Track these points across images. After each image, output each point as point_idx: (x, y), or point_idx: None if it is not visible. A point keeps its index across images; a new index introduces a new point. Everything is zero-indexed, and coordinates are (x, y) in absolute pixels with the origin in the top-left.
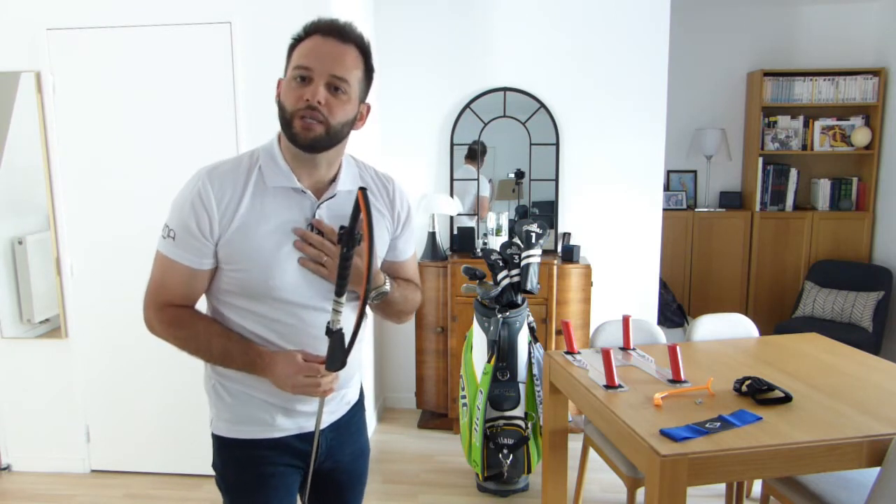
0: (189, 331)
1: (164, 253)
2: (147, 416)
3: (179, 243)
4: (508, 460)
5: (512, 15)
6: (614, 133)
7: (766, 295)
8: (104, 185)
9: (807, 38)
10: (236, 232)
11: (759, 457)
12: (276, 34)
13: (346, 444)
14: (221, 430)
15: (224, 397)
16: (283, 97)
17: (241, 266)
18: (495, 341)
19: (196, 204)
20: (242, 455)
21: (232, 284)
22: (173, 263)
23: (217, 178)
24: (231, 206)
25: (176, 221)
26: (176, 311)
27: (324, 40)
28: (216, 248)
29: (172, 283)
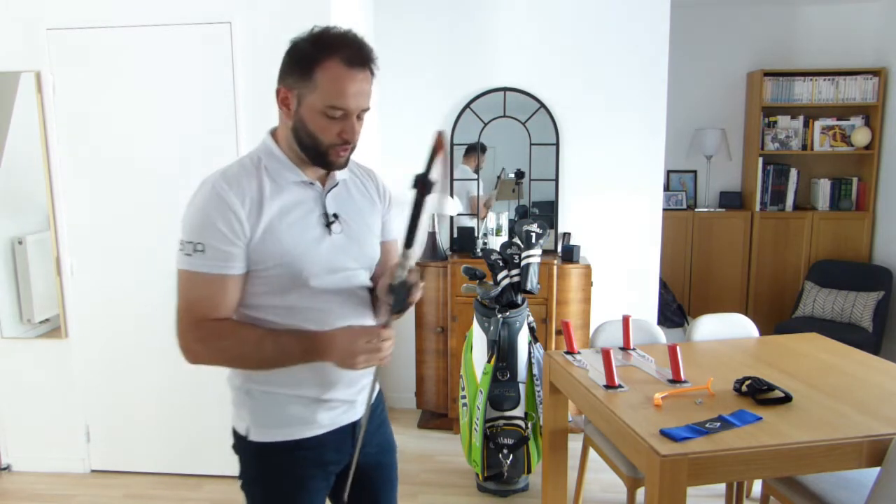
0: (234, 338)
1: (191, 269)
2: (147, 416)
3: (210, 254)
4: (508, 460)
5: (512, 15)
6: (614, 133)
7: (766, 295)
8: (104, 185)
9: (807, 38)
10: (265, 231)
11: (759, 457)
12: (276, 34)
13: (372, 435)
14: (262, 437)
15: (260, 400)
16: (314, 127)
17: (275, 262)
18: (495, 341)
19: (222, 208)
20: (285, 460)
21: (264, 285)
22: (205, 277)
23: (232, 181)
24: (254, 204)
25: (201, 233)
26: (215, 324)
27: (350, 73)
28: (248, 250)
29: (206, 296)
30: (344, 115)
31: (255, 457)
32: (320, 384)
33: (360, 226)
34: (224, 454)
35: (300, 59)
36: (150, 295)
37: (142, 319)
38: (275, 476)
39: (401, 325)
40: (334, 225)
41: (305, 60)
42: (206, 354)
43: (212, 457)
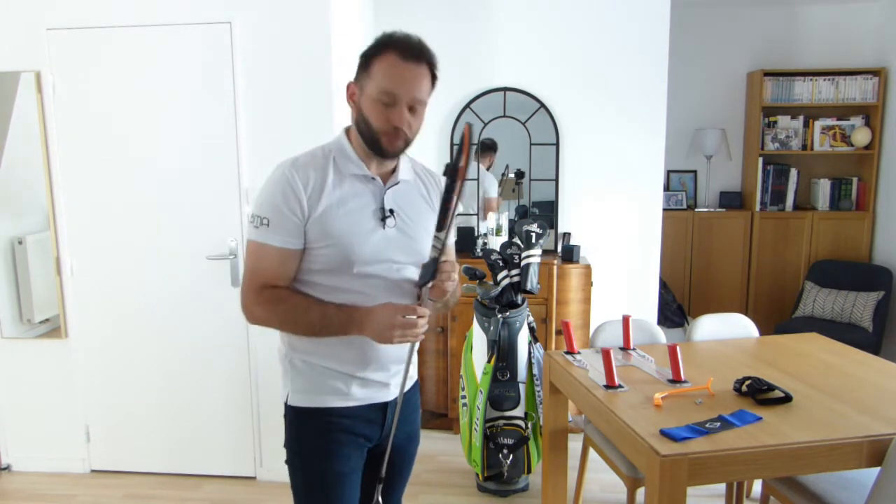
0: (288, 304)
1: (258, 240)
2: (147, 416)
3: (273, 228)
4: (508, 460)
5: (512, 15)
6: (614, 133)
7: (766, 295)
8: (104, 184)
9: (807, 38)
10: (323, 213)
11: (759, 457)
12: (276, 34)
13: (403, 424)
14: (298, 401)
15: (302, 370)
16: (369, 114)
17: (328, 242)
18: (495, 341)
19: (286, 190)
20: (319, 423)
21: (318, 262)
22: (268, 248)
23: (300, 167)
24: (316, 190)
25: (268, 209)
26: (274, 290)
27: (404, 63)
28: (305, 228)
29: (268, 265)
30: (393, 101)
31: (294, 420)
32: (357, 362)
33: (415, 224)
34: (224, 454)
35: (364, 56)
36: (150, 295)
37: (142, 319)
38: (308, 437)
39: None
40: (388, 220)
41: (367, 56)
42: (264, 316)
43: (212, 457)
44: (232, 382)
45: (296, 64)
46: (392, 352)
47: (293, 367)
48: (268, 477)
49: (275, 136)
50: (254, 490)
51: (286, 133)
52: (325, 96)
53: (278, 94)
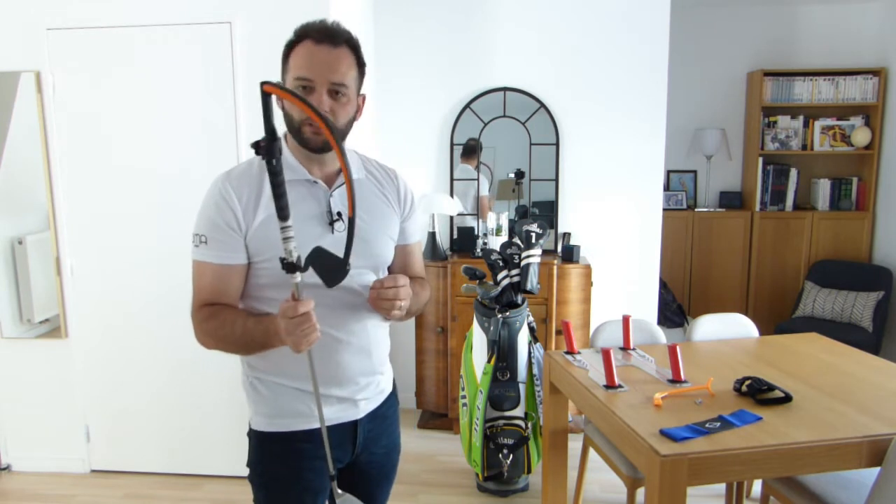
0: (218, 320)
1: (198, 259)
2: (147, 416)
3: (211, 244)
4: (508, 460)
5: (512, 15)
6: (614, 133)
7: (766, 295)
8: (104, 185)
9: (807, 38)
10: (261, 225)
11: (759, 457)
12: (276, 34)
13: (381, 437)
14: (261, 426)
15: (261, 391)
16: (289, 107)
17: (271, 255)
18: (495, 341)
19: (220, 204)
20: (281, 449)
21: (264, 276)
22: (207, 266)
23: (234, 179)
24: (251, 201)
25: (204, 226)
26: (209, 308)
27: (317, 47)
28: (245, 241)
29: (207, 283)
30: (309, 85)
31: (257, 444)
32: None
33: (369, 224)
34: (224, 454)
35: (283, 51)
36: (149, 295)
37: (142, 319)
38: (272, 464)
39: (401, 324)
40: (337, 223)
41: (285, 49)
42: (203, 336)
43: (212, 457)
44: (232, 382)
45: None
46: (356, 364)
47: (253, 389)
48: None
49: None
50: None
51: None
52: None
53: None
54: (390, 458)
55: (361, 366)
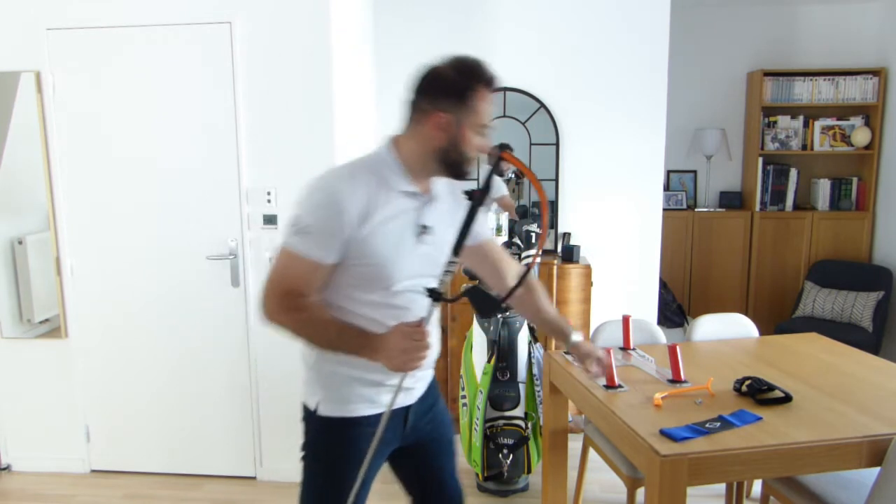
0: (309, 314)
1: (293, 248)
2: (147, 416)
3: (314, 239)
4: (508, 460)
5: (512, 15)
6: (614, 133)
7: (766, 295)
8: (104, 184)
9: (807, 38)
10: (369, 233)
11: (759, 457)
12: (276, 34)
13: (423, 415)
14: (328, 411)
15: (331, 379)
16: (467, 144)
17: (370, 261)
18: (495, 341)
19: (334, 206)
20: (349, 433)
21: (354, 277)
22: (301, 257)
23: (356, 184)
24: (366, 209)
25: (311, 220)
26: (298, 299)
27: (491, 96)
28: (346, 245)
29: (299, 274)
30: (488, 132)
31: (323, 430)
32: (384, 370)
33: (445, 237)
34: (224, 454)
35: (453, 87)
36: (149, 295)
37: (142, 319)
38: (339, 448)
39: None
40: (425, 236)
41: (459, 88)
42: (283, 320)
43: (212, 457)
44: (232, 382)
45: (296, 64)
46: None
47: (322, 376)
48: (268, 477)
49: (275, 136)
50: (254, 490)
51: (286, 133)
52: (325, 96)
53: (278, 94)
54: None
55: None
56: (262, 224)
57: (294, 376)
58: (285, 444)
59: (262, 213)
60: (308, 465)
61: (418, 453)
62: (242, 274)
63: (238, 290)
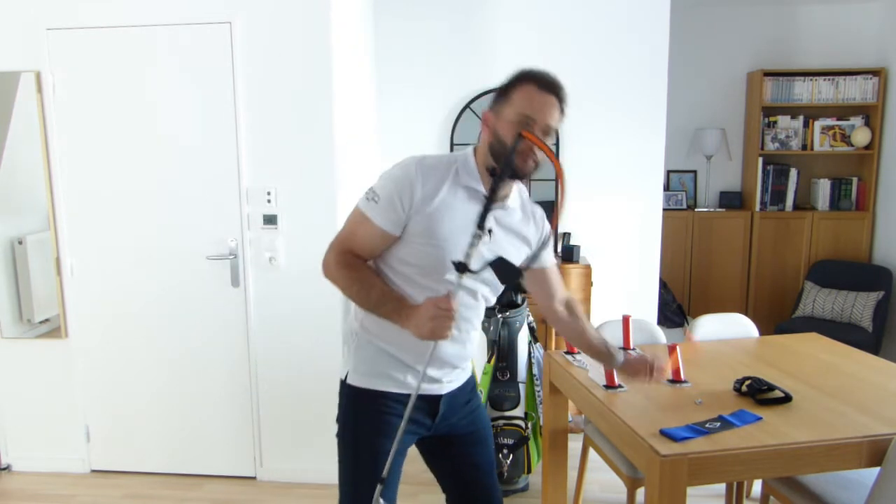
0: (358, 273)
1: (364, 211)
2: (147, 415)
3: (380, 208)
4: (508, 460)
5: (511, 15)
6: (614, 133)
7: (766, 295)
8: (104, 184)
9: (807, 38)
10: (432, 213)
11: (759, 457)
12: (276, 34)
13: (457, 410)
14: (356, 381)
15: (366, 352)
16: (505, 134)
17: (430, 241)
18: (495, 341)
19: (405, 183)
20: (372, 404)
21: (415, 256)
22: (369, 222)
23: (425, 168)
24: (430, 191)
25: (382, 191)
26: (353, 258)
27: (540, 92)
28: (408, 221)
29: (362, 236)
30: (529, 124)
31: (349, 398)
32: (416, 355)
33: (507, 248)
34: (224, 454)
35: (503, 88)
36: (150, 295)
37: (142, 319)
38: (363, 415)
39: None
40: (485, 237)
41: (507, 87)
42: (335, 274)
43: (212, 457)
44: (232, 382)
45: (296, 64)
46: (453, 352)
47: (358, 345)
48: (268, 477)
49: (275, 136)
50: (254, 490)
51: (286, 133)
52: (326, 96)
53: (278, 94)
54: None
55: (457, 354)
56: (262, 224)
57: (294, 376)
58: (285, 444)
59: (262, 213)
60: (339, 435)
61: (453, 446)
62: (242, 274)
63: (238, 290)
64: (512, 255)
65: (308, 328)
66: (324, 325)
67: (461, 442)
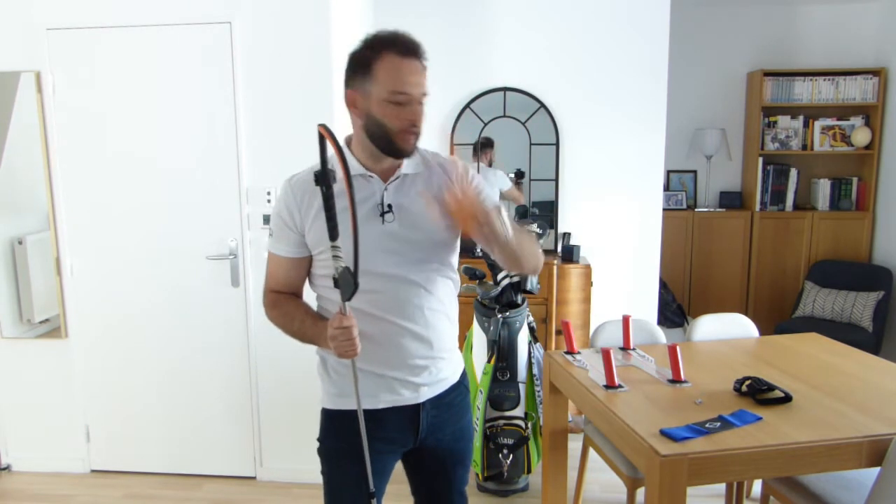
0: (281, 310)
1: (269, 249)
2: (147, 415)
3: (276, 238)
4: (508, 460)
5: (512, 14)
6: (614, 133)
7: (766, 295)
8: (104, 184)
9: (807, 38)
10: (316, 217)
11: (759, 457)
12: (276, 34)
13: (447, 423)
14: (327, 403)
15: (330, 373)
16: (382, 116)
17: (324, 248)
18: (495, 341)
19: (280, 207)
20: (344, 426)
21: (323, 267)
22: (275, 256)
23: (295, 183)
24: (307, 199)
25: (272, 222)
26: (276, 296)
27: (406, 61)
28: (305, 237)
29: (273, 271)
30: (407, 99)
31: (325, 421)
32: (381, 362)
33: (424, 215)
34: (224, 454)
35: (359, 60)
36: (149, 295)
37: (142, 319)
38: (336, 438)
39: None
40: (387, 215)
41: (363, 60)
42: (269, 316)
43: (212, 457)
44: (232, 382)
45: (296, 64)
46: (414, 349)
47: (323, 368)
48: (268, 477)
49: (275, 136)
50: (254, 490)
51: (286, 133)
52: (326, 96)
53: (278, 94)
54: (459, 443)
55: (420, 351)
56: (261, 224)
57: (294, 376)
58: (285, 445)
59: (262, 213)
60: (320, 457)
61: (434, 461)
62: (242, 274)
63: (238, 290)
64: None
65: None
66: None
67: (442, 460)
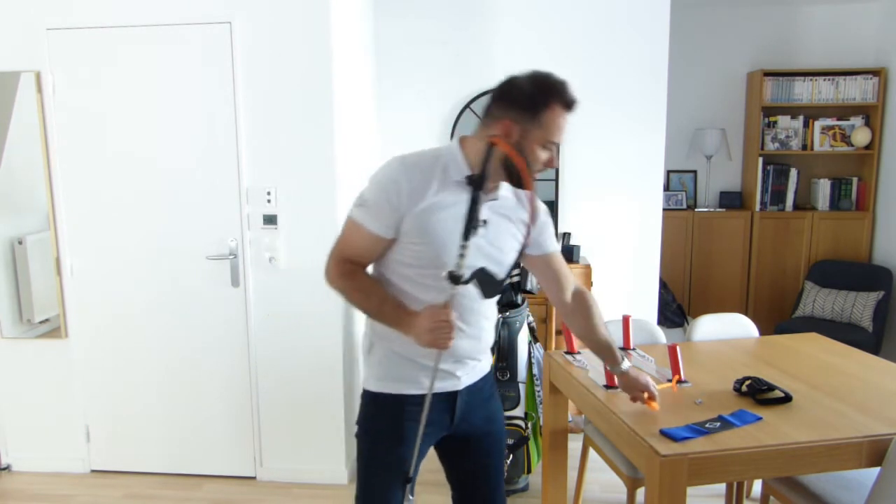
0: (358, 282)
1: (355, 218)
2: (147, 415)
3: (371, 213)
4: (508, 460)
5: (512, 14)
6: (614, 133)
7: (766, 295)
8: (104, 184)
9: (807, 38)
10: (422, 211)
11: (759, 457)
12: (276, 34)
13: (478, 409)
14: (373, 387)
15: (380, 357)
16: (531, 157)
17: (423, 240)
18: (495, 341)
19: (391, 183)
20: (388, 409)
21: (409, 256)
22: (362, 228)
23: (408, 166)
24: (417, 189)
25: (371, 196)
26: (352, 266)
27: (566, 115)
28: (400, 222)
29: (357, 243)
30: (554, 148)
31: (368, 403)
32: (429, 353)
33: (504, 235)
34: (224, 454)
35: (528, 100)
36: (149, 295)
37: (142, 319)
38: (380, 420)
39: None
40: (480, 229)
41: (532, 102)
42: (336, 283)
43: (212, 457)
44: (232, 382)
45: (296, 64)
46: (467, 347)
47: (372, 353)
48: (268, 477)
49: (275, 136)
50: (254, 490)
51: (286, 133)
52: (326, 96)
53: (278, 94)
54: (493, 425)
55: (471, 349)
56: (262, 224)
57: (294, 376)
58: (285, 445)
59: (262, 213)
60: (358, 437)
61: (468, 446)
62: (242, 274)
63: (238, 290)
64: (510, 243)
65: (308, 328)
66: (324, 325)
67: (477, 444)
